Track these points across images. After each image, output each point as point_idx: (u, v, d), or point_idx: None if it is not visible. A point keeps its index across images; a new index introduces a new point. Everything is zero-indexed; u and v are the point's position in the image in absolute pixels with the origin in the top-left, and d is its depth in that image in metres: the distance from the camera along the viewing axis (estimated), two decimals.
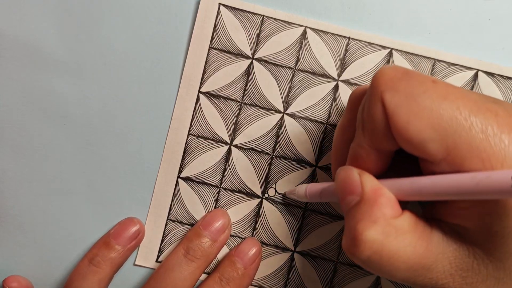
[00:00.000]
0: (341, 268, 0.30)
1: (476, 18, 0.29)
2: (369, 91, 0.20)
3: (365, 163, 0.21)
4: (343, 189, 0.21)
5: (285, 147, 0.30)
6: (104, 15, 0.30)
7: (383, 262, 0.19)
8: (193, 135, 0.30)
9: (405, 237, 0.19)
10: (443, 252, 0.19)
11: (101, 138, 0.30)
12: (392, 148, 0.20)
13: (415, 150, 0.19)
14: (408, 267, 0.19)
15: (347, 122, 0.24)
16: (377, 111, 0.20)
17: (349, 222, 0.20)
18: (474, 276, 0.19)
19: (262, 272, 0.30)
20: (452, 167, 0.18)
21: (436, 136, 0.18)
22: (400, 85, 0.19)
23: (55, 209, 0.31)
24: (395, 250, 0.19)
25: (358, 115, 0.22)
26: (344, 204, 0.21)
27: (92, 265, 0.29)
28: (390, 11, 0.29)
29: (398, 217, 0.19)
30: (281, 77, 0.30)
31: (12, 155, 0.31)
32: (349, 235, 0.20)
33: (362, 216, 0.19)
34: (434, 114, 0.18)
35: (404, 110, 0.19)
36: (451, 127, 0.18)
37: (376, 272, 0.20)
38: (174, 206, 0.30)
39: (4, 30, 0.30)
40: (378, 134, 0.20)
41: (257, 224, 0.30)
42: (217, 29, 0.29)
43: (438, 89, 0.19)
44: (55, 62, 0.30)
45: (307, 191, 0.27)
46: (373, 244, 0.19)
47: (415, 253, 0.19)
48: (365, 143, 0.21)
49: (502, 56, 0.29)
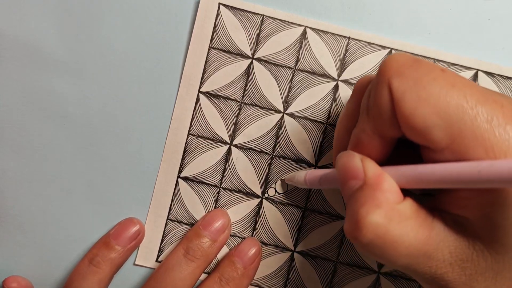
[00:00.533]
0: (340, 268, 0.30)
1: (476, 18, 0.29)
2: (376, 77, 0.20)
3: (366, 150, 0.21)
4: (344, 174, 0.21)
5: (285, 147, 0.30)
6: (104, 15, 0.30)
7: (385, 246, 0.19)
8: (193, 135, 0.30)
9: (408, 222, 0.19)
10: (444, 240, 0.19)
11: (101, 138, 0.30)
12: (395, 135, 0.20)
13: (419, 136, 0.19)
14: (410, 253, 0.19)
15: (351, 110, 0.24)
16: (384, 96, 0.20)
17: (351, 206, 0.20)
18: (473, 267, 0.19)
19: (262, 272, 0.30)
20: (455, 156, 0.18)
21: (442, 123, 0.18)
22: (409, 72, 0.19)
23: (55, 209, 0.31)
24: (398, 235, 0.19)
25: (363, 100, 0.22)
26: (346, 189, 0.21)
27: (92, 265, 0.29)
28: (390, 11, 0.29)
29: (401, 203, 0.19)
30: (281, 77, 0.30)
31: (12, 155, 0.31)
32: (351, 219, 0.20)
33: (365, 200, 0.19)
34: (441, 101, 0.18)
35: (411, 96, 0.19)
36: (457, 115, 0.18)
37: (376, 257, 0.20)
38: (174, 206, 0.30)
39: (4, 30, 0.30)
40: (382, 119, 0.20)
41: (257, 224, 0.30)
42: (217, 28, 0.29)
43: (446, 77, 0.19)
44: (55, 62, 0.30)
45: (307, 177, 0.27)
46: (376, 227, 0.19)
47: (417, 239, 0.19)
48: (368, 129, 0.21)
49: (502, 56, 0.29)
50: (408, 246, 0.19)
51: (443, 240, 0.19)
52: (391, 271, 0.30)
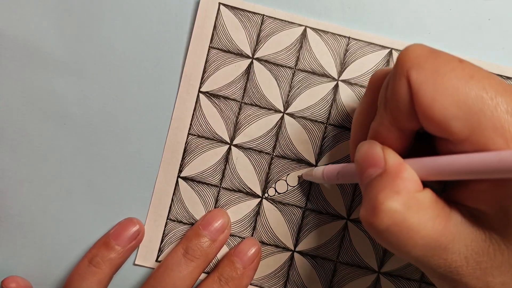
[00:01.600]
0: (340, 267, 0.30)
1: (476, 18, 0.29)
2: (394, 69, 0.20)
3: (385, 143, 0.21)
4: (364, 162, 0.21)
5: (285, 147, 0.30)
6: (104, 15, 0.30)
7: (402, 235, 0.19)
8: (193, 135, 0.30)
9: (426, 212, 0.19)
10: (461, 233, 0.19)
11: (101, 138, 0.30)
12: (414, 127, 0.20)
13: (437, 128, 0.19)
14: (425, 244, 0.19)
15: (367, 104, 0.24)
16: (402, 88, 0.19)
17: (369, 193, 0.20)
18: (488, 261, 0.19)
19: (262, 272, 0.30)
20: (474, 147, 0.18)
21: (461, 114, 0.18)
22: (427, 63, 0.19)
23: (55, 209, 0.31)
24: (415, 223, 0.19)
25: (381, 93, 0.22)
26: (365, 177, 0.21)
27: (91, 265, 0.29)
28: (390, 11, 0.29)
29: (420, 192, 0.19)
30: (281, 77, 0.30)
31: (12, 155, 0.31)
32: (369, 205, 0.19)
33: (385, 186, 0.19)
34: (460, 92, 0.18)
35: (429, 87, 0.19)
36: (477, 106, 0.18)
37: (391, 246, 0.19)
38: (174, 206, 0.30)
39: (4, 30, 0.30)
40: (401, 111, 0.20)
41: (257, 224, 0.30)
42: (217, 28, 0.29)
43: (465, 68, 0.19)
44: (55, 62, 0.30)
45: (325, 172, 0.27)
46: (394, 214, 0.18)
47: (434, 229, 0.19)
48: (386, 122, 0.21)
49: (502, 56, 0.29)
50: (424, 236, 0.19)
51: (460, 232, 0.19)
52: (391, 271, 0.30)
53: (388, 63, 0.29)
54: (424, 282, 0.30)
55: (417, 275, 0.30)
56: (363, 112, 0.24)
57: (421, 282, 0.30)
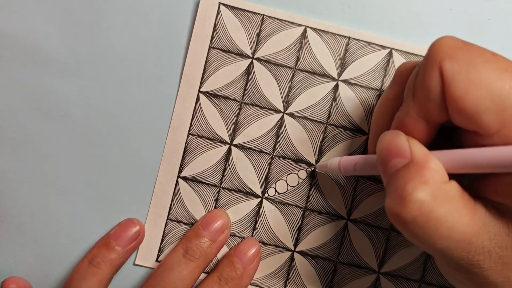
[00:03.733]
0: (340, 267, 0.30)
1: (476, 18, 0.29)
2: (425, 59, 0.20)
3: (410, 134, 0.21)
4: (388, 152, 0.21)
5: (285, 147, 0.30)
6: (104, 15, 0.30)
7: (428, 226, 0.18)
8: (193, 135, 0.30)
9: (453, 203, 0.19)
10: (485, 226, 0.19)
11: (101, 138, 0.30)
12: (442, 119, 0.20)
13: (468, 121, 0.19)
14: (451, 235, 0.18)
15: (392, 95, 0.24)
16: (434, 79, 0.19)
17: (395, 183, 0.19)
18: (511, 255, 0.19)
19: (262, 272, 0.30)
20: (505, 141, 0.18)
21: (494, 107, 0.18)
22: (460, 54, 0.19)
23: (55, 209, 0.31)
24: (442, 214, 0.18)
25: (408, 83, 0.21)
26: (389, 167, 0.20)
27: (91, 266, 0.29)
28: (390, 11, 0.29)
29: (447, 183, 0.19)
30: (281, 77, 0.30)
31: (12, 155, 0.30)
32: (395, 194, 0.19)
33: (413, 176, 0.19)
34: (493, 85, 0.18)
35: (463, 78, 0.18)
36: (510, 99, 0.18)
37: (415, 237, 0.19)
38: (174, 206, 0.30)
39: (4, 30, 0.30)
40: (430, 102, 0.20)
41: (257, 224, 0.30)
42: (217, 28, 0.29)
43: (498, 61, 0.19)
44: (55, 62, 0.30)
45: (342, 163, 0.26)
46: (422, 204, 0.18)
47: (460, 221, 0.18)
48: (414, 112, 0.21)
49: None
50: (450, 227, 0.18)
51: (484, 225, 0.19)
52: (391, 271, 0.30)
53: (388, 63, 0.29)
54: (424, 282, 0.30)
55: (417, 275, 0.30)
56: (386, 103, 0.24)
57: (421, 282, 0.30)
